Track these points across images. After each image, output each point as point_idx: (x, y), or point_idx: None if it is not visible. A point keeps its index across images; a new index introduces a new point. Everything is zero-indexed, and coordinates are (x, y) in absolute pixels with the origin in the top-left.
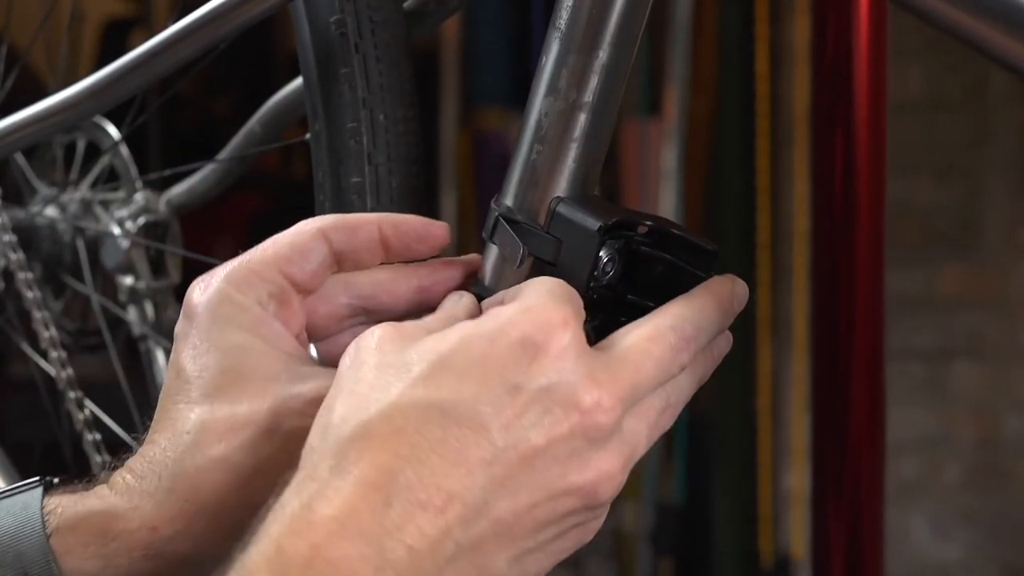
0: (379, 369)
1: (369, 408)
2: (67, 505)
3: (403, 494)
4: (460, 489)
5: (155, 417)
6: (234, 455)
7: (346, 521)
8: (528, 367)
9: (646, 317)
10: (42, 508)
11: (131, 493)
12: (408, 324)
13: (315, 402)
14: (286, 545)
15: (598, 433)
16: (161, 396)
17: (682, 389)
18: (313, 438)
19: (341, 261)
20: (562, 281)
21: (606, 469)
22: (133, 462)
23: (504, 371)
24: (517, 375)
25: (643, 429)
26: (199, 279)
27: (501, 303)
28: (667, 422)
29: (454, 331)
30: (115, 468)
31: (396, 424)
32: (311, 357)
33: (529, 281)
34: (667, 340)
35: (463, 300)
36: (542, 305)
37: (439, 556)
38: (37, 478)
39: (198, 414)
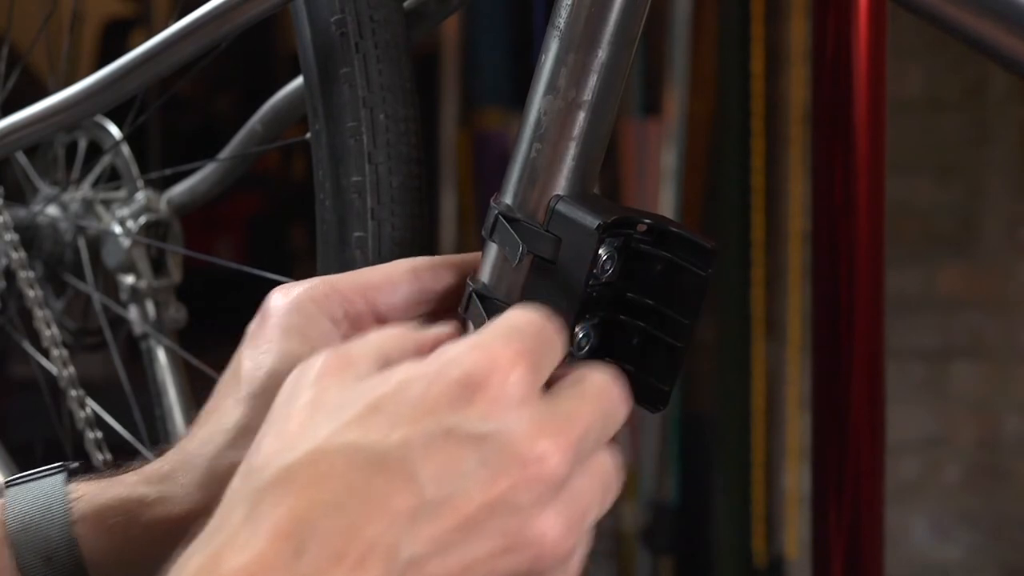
0: (313, 408)
1: (294, 450)
2: (94, 492)
3: (318, 544)
4: (383, 541)
5: (204, 408)
6: None
7: (255, 572)
8: (465, 410)
9: (587, 368)
10: (66, 494)
11: (162, 483)
12: (357, 352)
13: None
14: None
15: (542, 488)
16: (215, 390)
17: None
18: (236, 480)
19: (429, 301)
20: (540, 314)
21: (550, 531)
22: (171, 453)
23: (438, 414)
24: (451, 418)
25: (597, 489)
26: (282, 285)
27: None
28: (619, 484)
29: (398, 371)
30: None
31: (320, 469)
32: None
33: (507, 312)
34: (613, 393)
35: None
36: (491, 341)
37: None
38: (60, 464)
39: (241, 412)
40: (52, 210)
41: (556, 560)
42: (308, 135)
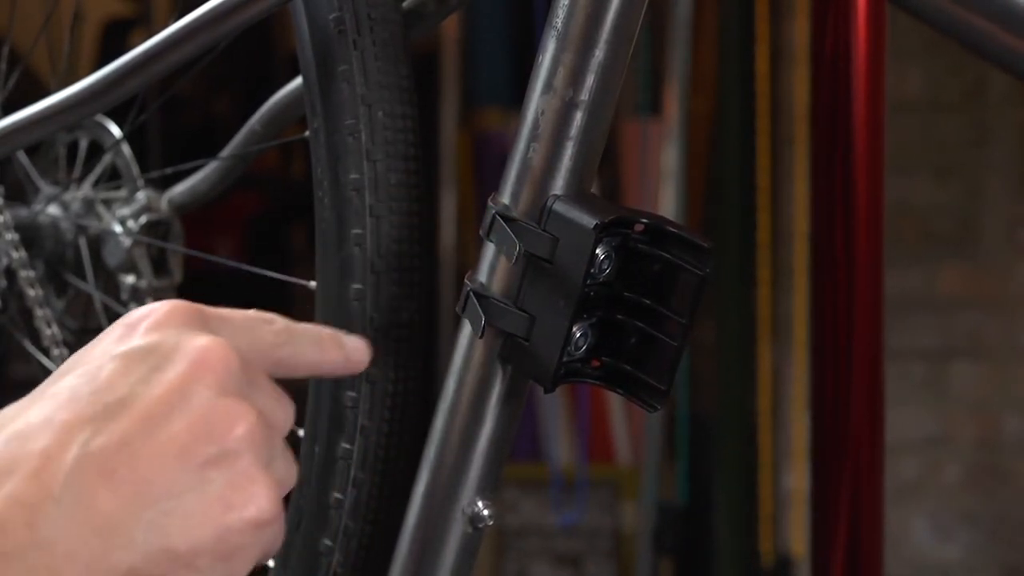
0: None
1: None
2: None
3: None
4: (51, 452)
5: None
6: None
7: None
8: (131, 336)
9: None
10: None
11: None
12: None
13: None
14: None
15: (214, 375)
16: None
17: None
18: None
19: None
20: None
21: (232, 410)
22: None
23: (109, 348)
24: (119, 346)
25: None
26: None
27: None
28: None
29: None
30: None
31: (7, 414)
32: None
33: None
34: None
35: None
36: (158, 303)
37: (39, 506)
38: None
39: None
40: (53, 209)
41: (252, 437)
42: (307, 133)
